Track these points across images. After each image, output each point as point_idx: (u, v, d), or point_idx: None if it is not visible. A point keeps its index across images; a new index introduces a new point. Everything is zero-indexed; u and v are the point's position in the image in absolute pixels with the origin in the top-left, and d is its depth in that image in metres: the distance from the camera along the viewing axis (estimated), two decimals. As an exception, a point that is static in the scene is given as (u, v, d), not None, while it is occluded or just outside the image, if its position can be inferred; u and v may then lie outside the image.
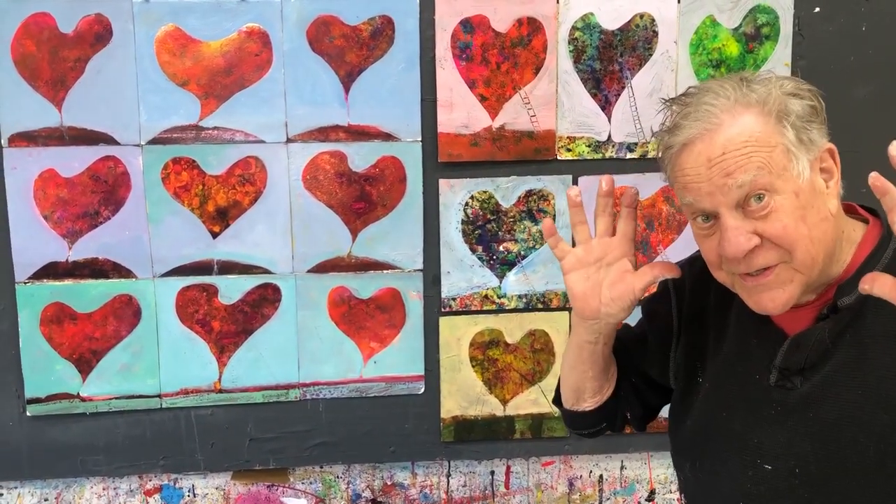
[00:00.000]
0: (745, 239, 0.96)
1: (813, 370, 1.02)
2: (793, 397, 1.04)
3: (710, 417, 1.14)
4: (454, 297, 1.96)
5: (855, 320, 1.00)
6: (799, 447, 1.03)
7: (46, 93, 1.80)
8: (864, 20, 1.95)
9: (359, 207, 1.91)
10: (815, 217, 0.98)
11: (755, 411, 1.08)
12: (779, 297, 0.99)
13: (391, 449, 2.01)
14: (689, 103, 1.01)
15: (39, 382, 1.88)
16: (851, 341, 1.00)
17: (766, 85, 1.00)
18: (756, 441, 1.07)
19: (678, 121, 1.01)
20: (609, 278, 1.13)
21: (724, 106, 0.98)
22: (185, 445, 1.96)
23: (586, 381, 1.25)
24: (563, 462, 2.09)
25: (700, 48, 1.93)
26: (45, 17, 1.78)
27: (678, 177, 1.02)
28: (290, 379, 1.95)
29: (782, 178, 0.96)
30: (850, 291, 1.00)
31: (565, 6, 1.88)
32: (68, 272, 1.86)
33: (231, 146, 1.86)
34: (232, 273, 1.90)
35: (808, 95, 1.01)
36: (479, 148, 1.90)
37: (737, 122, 0.97)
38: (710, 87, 1.02)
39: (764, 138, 0.96)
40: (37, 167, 1.82)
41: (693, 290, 1.22)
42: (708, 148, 0.97)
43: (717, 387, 1.14)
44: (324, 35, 1.84)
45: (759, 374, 1.08)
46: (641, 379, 1.31)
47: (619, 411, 1.32)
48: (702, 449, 1.16)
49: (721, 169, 0.96)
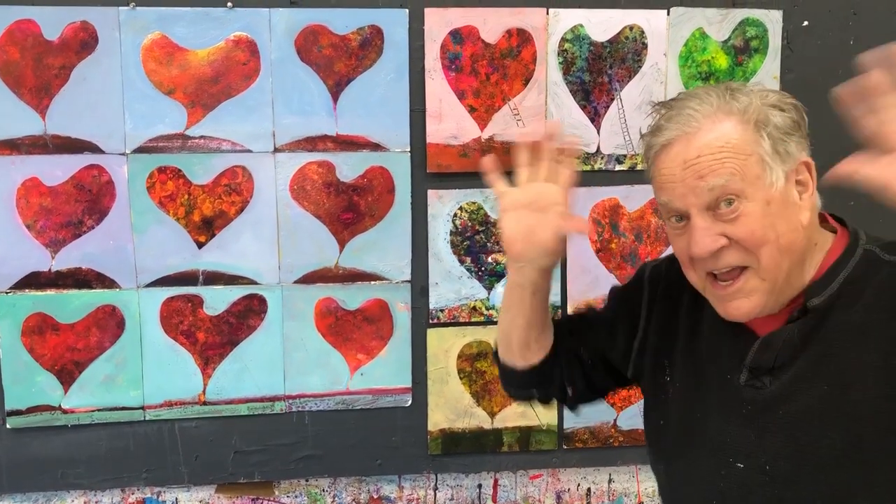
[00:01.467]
0: (712, 240, 1.00)
1: (782, 370, 1.05)
2: (763, 396, 1.06)
3: (683, 417, 1.16)
4: (442, 309, 1.95)
5: (824, 321, 1.03)
6: (769, 444, 1.05)
7: (30, 100, 1.78)
8: (851, 34, 1.96)
9: (347, 218, 1.89)
10: (785, 227, 1.01)
11: (727, 411, 1.09)
12: (744, 306, 1.03)
13: (378, 462, 1.99)
14: (674, 107, 1.05)
15: (20, 394, 1.85)
16: (818, 339, 1.03)
17: (749, 95, 1.03)
18: (728, 440, 1.09)
19: (661, 123, 1.05)
20: (539, 224, 1.12)
21: (705, 112, 1.02)
22: (169, 458, 1.93)
23: (514, 330, 1.24)
24: (551, 475, 2.08)
25: (689, 60, 1.93)
26: (30, 24, 1.76)
27: (656, 176, 1.06)
28: (275, 391, 1.93)
29: (754, 185, 0.99)
30: (818, 293, 1.03)
31: (555, 18, 1.88)
32: (51, 282, 1.83)
33: (218, 155, 1.84)
34: (217, 284, 1.88)
35: (790, 109, 1.04)
36: (467, 159, 1.89)
37: (715, 128, 1.01)
38: (696, 93, 1.06)
39: (740, 146, 1.00)
40: (20, 175, 1.80)
41: (667, 288, 1.23)
42: (685, 150, 1.01)
43: (690, 387, 1.16)
44: (312, 44, 1.83)
45: (731, 374, 1.09)
46: (596, 357, 1.29)
47: (555, 381, 1.29)
48: (676, 449, 1.17)
49: (695, 171, 1.00)
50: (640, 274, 1.29)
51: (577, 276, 1.96)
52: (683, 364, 1.17)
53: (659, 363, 1.21)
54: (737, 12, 1.92)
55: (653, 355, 1.22)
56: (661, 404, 1.20)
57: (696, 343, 1.16)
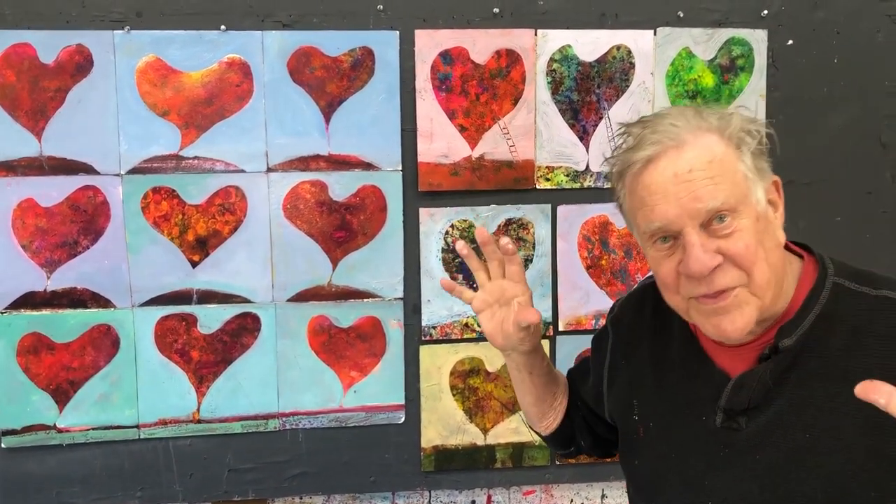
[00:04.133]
0: (710, 257, 0.97)
1: (757, 410, 1.02)
2: (739, 438, 1.04)
3: (660, 460, 1.14)
4: (434, 326, 1.96)
5: (798, 361, 1.00)
6: (746, 489, 1.03)
7: (26, 123, 1.80)
8: (835, 53, 1.99)
9: (339, 236, 1.91)
10: (770, 243, 1.00)
11: (704, 453, 1.07)
12: (738, 320, 0.99)
13: (371, 479, 2.00)
14: (651, 123, 1.03)
15: (15, 414, 1.87)
16: (797, 382, 1.00)
17: (723, 117, 1.02)
18: (706, 483, 1.07)
19: (643, 136, 1.01)
20: (507, 316, 1.22)
21: (686, 127, 1.00)
22: (164, 476, 1.94)
23: (528, 406, 1.36)
24: (545, 491, 2.09)
25: (676, 79, 1.96)
26: (26, 48, 1.79)
27: (641, 194, 1.01)
28: (269, 409, 1.94)
29: (744, 202, 0.98)
30: (790, 332, 1.00)
31: (543, 38, 1.91)
32: (46, 302, 1.85)
33: (211, 176, 1.86)
34: (211, 302, 1.89)
35: (757, 133, 1.03)
36: (458, 177, 1.92)
37: (700, 142, 0.99)
38: (669, 112, 1.04)
39: (727, 161, 0.99)
40: (16, 197, 1.82)
41: (630, 326, 1.24)
42: (674, 163, 0.98)
43: (664, 428, 1.14)
44: (304, 66, 1.86)
45: (706, 416, 1.08)
46: (588, 410, 1.36)
47: (576, 438, 1.38)
48: (655, 491, 1.16)
49: (688, 189, 0.97)
50: (609, 314, 1.33)
51: (567, 292, 1.98)
52: (655, 404, 1.16)
53: (627, 402, 1.21)
54: (722, 32, 1.95)
55: (622, 395, 1.23)
56: (634, 444, 1.20)
57: (666, 382, 1.15)
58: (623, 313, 1.28)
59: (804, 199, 2.01)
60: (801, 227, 1.98)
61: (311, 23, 1.86)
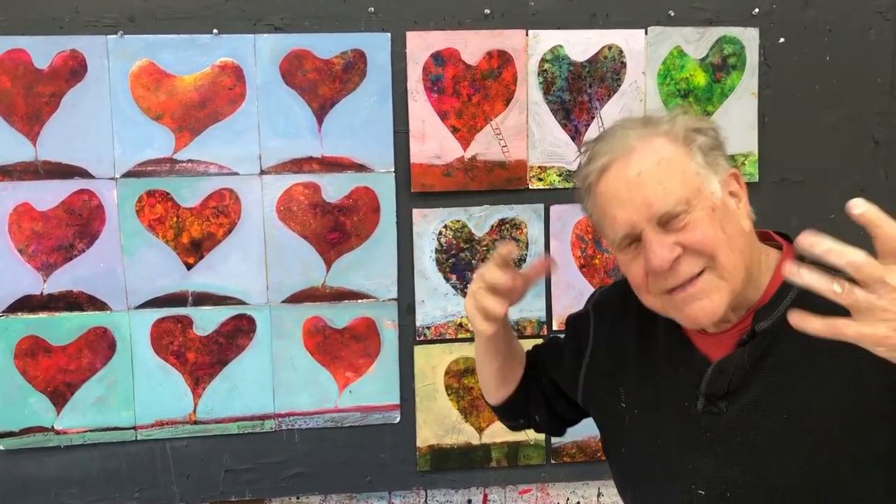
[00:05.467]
0: (668, 250, 1.00)
1: (737, 394, 1.05)
2: (720, 422, 1.07)
3: (644, 445, 1.16)
4: (429, 326, 1.97)
5: (774, 344, 1.03)
6: (728, 472, 1.05)
7: (21, 127, 1.82)
8: (827, 51, 2.00)
9: (333, 238, 1.92)
10: (733, 229, 1.03)
11: (688, 438, 1.10)
12: (708, 307, 1.02)
13: (367, 479, 2.01)
14: (603, 137, 1.10)
15: (13, 416, 1.88)
16: (773, 365, 1.03)
17: (669, 121, 1.07)
18: (690, 467, 1.09)
19: (596, 149, 1.08)
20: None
21: (636, 134, 1.06)
22: (161, 478, 1.95)
23: (489, 375, 1.33)
24: (540, 490, 2.10)
25: (668, 78, 1.96)
26: (21, 54, 1.80)
27: (601, 204, 1.07)
28: (265, 410, 1.95)
29: (697, 196, 1.02)
30: (766, 316, 1.04)
31: (534, 39, 1.91)
32: (43, 305, 1.86)
33: (205, 178, 1.87)
34: (206, 304, 1.91)
35: (709, 131, 1.07)
36: (451, 178, 1.92)
37: (648, 146, 1.04)
38: (621, 123, 1.11)
39: (675, 160, 1.03)
40: (11, 201, 1.83)
41: (614, 313, 1.26)
42: (624, 170, 1.04)
43: (648, 415, 1.17)
44: (297, 69, 1.87)
45: (688, 401, 1.10)
46: (552, 387, 1.36)
47: (530, 411, 1.38)
48: (641, 477, 1.18)
49: (641, 194, 1.02)
50: (589, 300, 1.35)
51: (562, 291, 1.99)
52: (638, 392, 1.18)
53: (614, 390, 1.22)
54: (714, 30, 1.96)
55: (605, 382, 1.24)
56: (620, 432, 1.21)
57: (651, 371, 1.17)
58: (607, 300, 1.30)
59: (797, 197, 2.01)
60: (794, 224, 1.98)
61: (303, 26, 1.87)
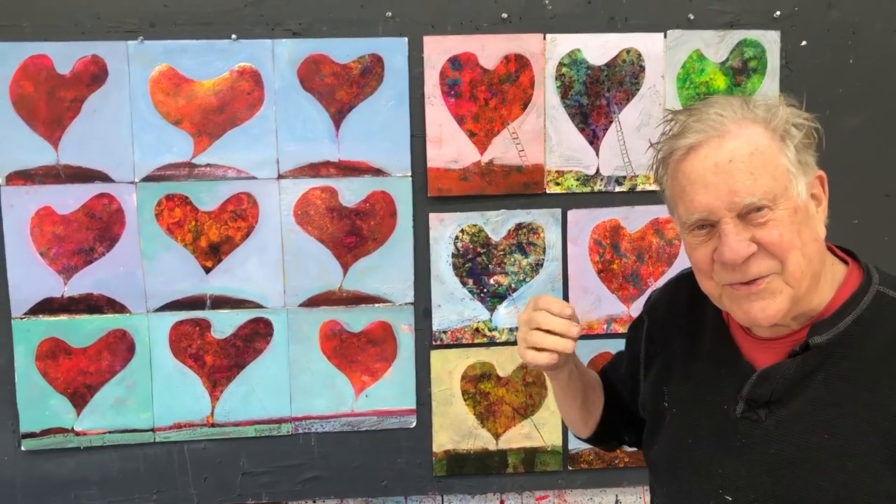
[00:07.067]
0: (745, 245, 0.98)
1: (779, 404, 1.03)
2: (758, 430, 1.04)
3: (677, 444, 1.15)
4: (445, 331, 1.97)
5: (826, 361, 1.00)
6: (759, 481, 1.03)
7: (43, 132, 1.84)
8: (850, 53, 1.97)
9: (350, 242, 1.93)
10: (808, 236, 1.00)
11: (721, 441, 1.08)
12: (769, 307, 1.00)
13: (384, 483, 2.01)
14: (695, 112, 1.04)
15: (34, 417, 1.91)
16: (823, 381, 1.00)
17: (770, 109, 1.02)
18: (720, 471, 1.08)
19: (687, 123, 1.03)
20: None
21: (732, 117, 1.01)
22: (179, 479, 1.96)
23: (573, 414, 1.35)
24: (557, 496, 2.08)
25: (687, 82, 1.94)
26: (43, 59, 1.83)
27: (681, 182, 1.03)
28: (282, 413, 1.96)
29: (783, 195, 0.98)
30: (824, 331, 1.01)
31: (552, 43, 1.91)
32: (63, 308, 1.88)
33: (223, 183, 1.89)
34: (224, 308, 1.92)
35: (806, 125, 1.02)
36: (468, 182, 1.92)
37: (744, 132, 0.99)
38: (716, 100, 1.04)
39: (769, 153, 0.99)
40: (33, 205, 1.86)
41: (665, 315, 1.25)
42: (715, 152, 0.99)
43: (685, 413, 1.15)
44: (314, 73, 1.88)
45: (727, 405, 1.08)
46: (626, 405, 1.35)
47: (620, 434, 1.40)
48: (670, 475, 1.17)
49: (727, 182, 0.98)
50: (645, 304, 1.34)
51: (579, 296, 1.97)
52: (680, 390, 1.17)
53: (658, 389, 1.21)
54: (734, 34, 1.94)
55: (654, 381, 1.23)
56: (657, 428, 1.21)
57: (693, 370, 1.16)
58: (659, 302, 1.28)
59: (819, 202, 1.98)
60: (816, 230, 1.95)
61: (321, 31, 1.87)
